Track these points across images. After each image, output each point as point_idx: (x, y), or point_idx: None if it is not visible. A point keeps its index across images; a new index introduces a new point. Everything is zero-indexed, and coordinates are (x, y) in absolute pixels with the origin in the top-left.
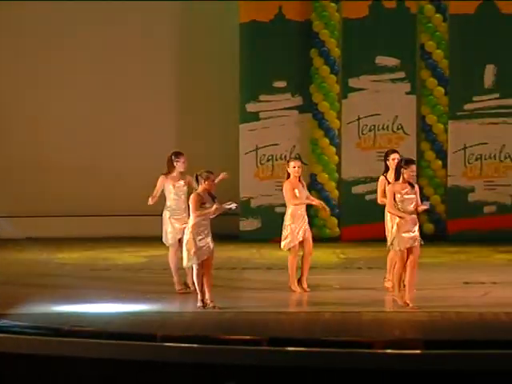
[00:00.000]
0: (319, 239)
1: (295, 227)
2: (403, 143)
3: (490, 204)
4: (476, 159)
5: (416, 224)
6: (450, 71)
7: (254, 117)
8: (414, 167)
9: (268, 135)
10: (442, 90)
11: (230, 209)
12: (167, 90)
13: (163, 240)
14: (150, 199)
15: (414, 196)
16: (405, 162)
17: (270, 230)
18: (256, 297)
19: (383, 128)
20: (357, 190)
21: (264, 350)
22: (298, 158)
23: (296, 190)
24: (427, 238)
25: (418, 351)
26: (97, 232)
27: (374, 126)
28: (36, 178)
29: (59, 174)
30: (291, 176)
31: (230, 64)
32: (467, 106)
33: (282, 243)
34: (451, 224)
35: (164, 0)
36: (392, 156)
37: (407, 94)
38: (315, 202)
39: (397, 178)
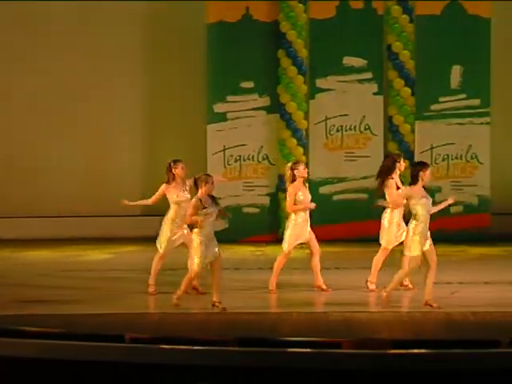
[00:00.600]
0: None
1: (295, 230)
2: (370, 143)
3: (457, 204)
4: (443, 159)
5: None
6: (417, 72)
7: (222, 117)
8: (430, 169)
9: (236, 136)
10: (408, 90)
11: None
12: (134, 89)
13: (157, 243)
14: (142, 201)
15: (428, 200)
16: (424, 166)
17: (238, 230)
18: (224, 297)
19: (350, 128)
20: (324, 190)
21: (232, 351)
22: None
23: (300, 193)
24: None
25: (386, 351)
26: (64, 233)
27: (342, 126)
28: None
29: (24, 174)
30: (297, 179)
31: (197, 65)
32: (434, 107)
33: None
34: None
35: (131, 0)
36: (402, 159)
37: (374, 94)
38: (312, 206)
39: (413, 182)
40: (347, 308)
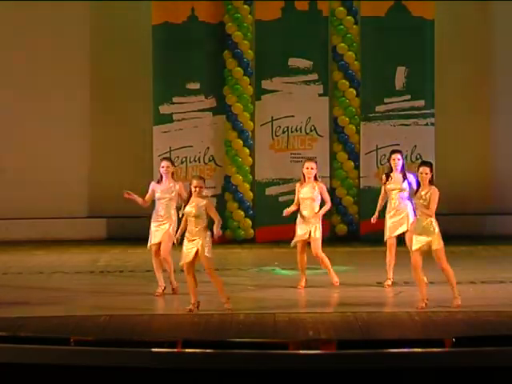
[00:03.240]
0: (233, 241)
1: (301, 227)
2: (316, 145)
3: None
4: (388, 160)
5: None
6: (362, 73)
7: (168, 119)
8: (421, 168)
9: (182, 137)
10: (353, 91)
11: None
12: (80, 91)
13: None
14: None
15: (419, 200)
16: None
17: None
18: (168, 299)
19: (296, 130)
20: (270, 191)
21: (179, 352)
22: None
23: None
24: (340, 239)
25: (332, 351)
26: (7, 235)
27: (288, 127)
28: None
29: None
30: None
31: (143, 66)
32: (379, 108)
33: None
34: (364, 225)
35: (75, 0)
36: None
37: (320, 95)
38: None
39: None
40: (294, 309)
